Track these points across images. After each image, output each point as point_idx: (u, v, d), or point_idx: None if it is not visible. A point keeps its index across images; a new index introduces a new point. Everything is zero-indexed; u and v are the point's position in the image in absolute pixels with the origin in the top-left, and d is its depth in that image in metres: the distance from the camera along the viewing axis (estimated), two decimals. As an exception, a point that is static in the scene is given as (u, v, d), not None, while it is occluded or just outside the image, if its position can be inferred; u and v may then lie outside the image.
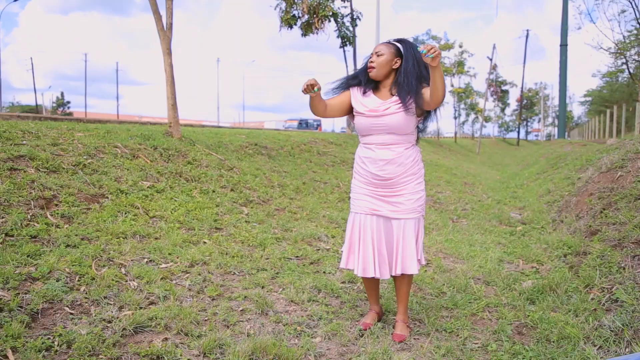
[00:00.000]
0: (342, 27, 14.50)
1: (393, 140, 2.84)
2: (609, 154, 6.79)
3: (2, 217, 3.57)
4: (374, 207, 2.87)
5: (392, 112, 2.80)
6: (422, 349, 2.76)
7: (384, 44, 2.90)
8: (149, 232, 4.11)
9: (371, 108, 2.84)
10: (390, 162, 2.82)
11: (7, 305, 2.61)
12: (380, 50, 2.86)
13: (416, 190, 2.87)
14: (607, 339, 2.63)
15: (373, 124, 2.84)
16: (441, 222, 6.42)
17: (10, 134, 5.09)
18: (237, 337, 2.75)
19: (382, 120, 2.81)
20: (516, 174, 14.22)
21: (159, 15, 7.09)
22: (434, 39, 34.25)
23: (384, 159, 2.83)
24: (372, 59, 2.87)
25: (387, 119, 2.80)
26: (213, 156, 6.84)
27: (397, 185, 2.84)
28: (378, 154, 2.84)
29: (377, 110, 2.83)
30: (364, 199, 2.90)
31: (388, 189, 2.85)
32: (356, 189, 2.97)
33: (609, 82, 37.99)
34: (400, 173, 2.83)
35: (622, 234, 3.90)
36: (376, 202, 2.87)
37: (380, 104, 2.84)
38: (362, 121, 2.88)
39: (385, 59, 2.84)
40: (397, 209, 2.84)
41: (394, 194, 2.85)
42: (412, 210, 2.85)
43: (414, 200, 2.86)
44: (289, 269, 3.92)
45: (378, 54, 2.85)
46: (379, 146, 2.85)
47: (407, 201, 2.84)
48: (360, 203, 2.92)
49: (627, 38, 17.20)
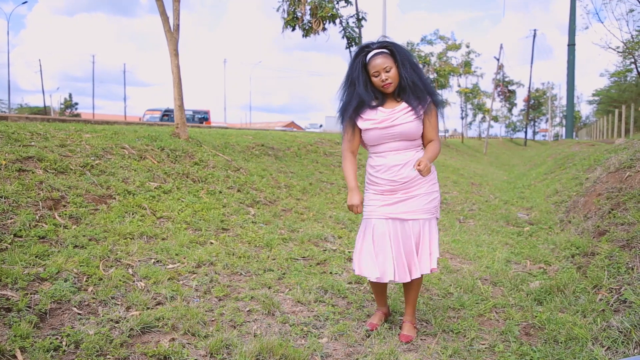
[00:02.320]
0: (348, 27, 14.50)
1: (405, 146, 2.83)
2: (617, 154, 6.75)
3: (10, 218, 3.60)
4: (389, 211, 2.85)
5: (402, 122, 2.79)
6: (429, 350, 2.75)
7: (381, 55, 2.78)
8: (156, 233, 4.12)
9: (381, 119, 2.82)
10: (404, 166, 2.81)
11: (16, 305, 2.63)
12: (386, 64, 2.76)
13: (430, 191, 2.86)
14: (615, 340, 2.61)
15: (384, 134, 2.82)
16: (448, 223, 6.40)
17: (18, 135, 5.13)
18: (244, 338, 2.75)
19: (394, 130, 2.80)
20: (523, 175, 14.15)
21: (166, 17, 7.13)
22: (442, 39, 34.14)
23: (398, 164, 2.82)
24: (382, 77, 2.77)
25: (399, 128, 2.79)
26: (220, 157, 6.85)
27: (412, 186, 2.83)
28: (391, 160, 2.83)
29: (387, 120, 2.80)
30: (379, 206, 2.88)
31: (403, 190, 2.84)
32: (370, 197, 2.94)
33: (617, 81, 37.75)
34: (415, 175, 2.82)
35: (631, 235, 3.87)
36: (390, 207, 2.85)
37: (389, 113, 2.82)
38: (373, 133, 2.84)
39: (394, 71, 2.78)
40: (411, 210, 2.82)
41: (409, 195, 2.83)
42: (426, 210, 2.84)
43: (429, 200, 2.85)
44: (296, 270, 3.93)
45: (387, 69, 2.77)
46: (391, 153, 2.84)
47: (420, 202, 2.83)
48: (374, 209, 2.89)
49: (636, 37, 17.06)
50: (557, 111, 70.26)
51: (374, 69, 2.78)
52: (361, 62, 2.84)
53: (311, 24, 12.53)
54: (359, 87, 2.82)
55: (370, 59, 2.80)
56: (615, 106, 30.55)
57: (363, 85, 2.83)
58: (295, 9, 12.69)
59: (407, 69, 2.79)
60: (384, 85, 2.79)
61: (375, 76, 2.80)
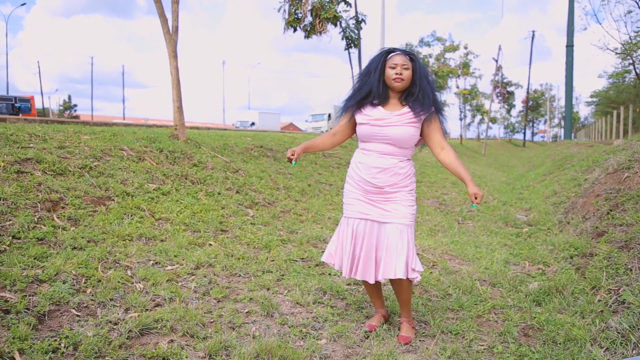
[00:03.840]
0: (347, 29, 14.53)
1: (390, 150, 2.84)
2: (616, 155, 6.76)
3: (9, 220, 3.60)
4: (366, 212, 2.87)
5: (398, 125, 2.80)
6: (428, 351, 2.75)
7: (402, 55, 2.85)
8: (154, 235, 4.12)
9: (376, 117, 2.83)
10: (383, 171, 2.82)
11: (14, 307, 2.62)
12: (405, 63, 2.82)
13: (407, 199, 2.86)
14: (613, 340, 2.62)
15: (375, 132, 2.83)
16: (447, 224, 6.40)
17: (17, 137, 5.13)
18: (243, 339, 2.75)
19: (386, 131, 2.81)
20: (522, 176, 14.16)
21: (165, 19, 7.13)
22: (439, 41, 34.22)
23: (378, 167, 2.82)
24: (397, 70, 2.81)
25: (393, 130, 2.80)
26: (218, 158, 6.85)
27: (387, 194, 2.84)
28: (373, 161, 2.84)
29: (383, 120, 2.82)
30: (356, 204, 2.91)
31: (379, 195, 2.86)
32: (348, 194, 2.97)
33: (616, 83, 37.79)
34: (392, 183, 2.83)
35: (629, 236, 3.88)
36: (367, 207, 2.87)
37: (388, 114, 2.83)
38: (365, 129, 2.87)
39: (409, 74, 2.83)
40: (389, 214, 2.83)
41: (386, 200, 2.85)
42: (403, 215, 2.83)
43: (405, 207, 2.85)
44: (295, 271, 3.93)
45: (405, 67, 2.82)
46: (375, 154, 2.85)
47: (399, 207, 2.83)
48: (352, 207, 2.93)
49: (634, 39, 17.10)
50: (555, 112, 70.38)
51: (393, 62, 2.84)
52: (383, 60, 2.88)
53: (313, 25, 12.55)
54: (373, 76, 2.87)
55: (393, 56, 2.86)
56: (613, 107, 30.59)
57: (377, 77, 2.87)
58: (296, 10, 12.71)
59: (422, 79, 2.85)
60: (395, 78, 2.82)
61: (392, 68, 2.83)
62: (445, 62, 33.79)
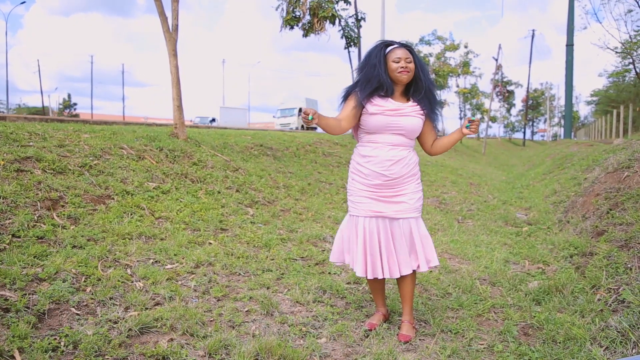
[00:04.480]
0: (347, 27, 14.51)
1: (403, 142, 2.87)
2: (616, 154, 6.76)
3: (9, 218, 3.60)
4: (377, 209, 2.86)
5: (412, 115, 2.84)
6: (428, 350, 2.75)
7: (404, 49, 2.85)
8: (154, 233, 4.12)
9: (390, 108, 2.83)
10: (397, 163, 2.83)
11: (14, 305, 2.62)
12: (409, 56, 2.83)
13: (417, 190, 2.92)
14: (613, 340, 2.62)
15: (390, 122, 2.82)
16: (447, 223, 6.40)
17: (17, 135, 5.13)
18: (243, 338, 2.75)
19: (401, 121, 2.82)
20: (522, 175, 14.17)
21: (165, 17, 7.13)
22: (440, 40, 34.20)
23: (391, 159, 2.83)
24: (402, 64, 2.81)
25: (407, 120, 2.83)
26: (218, 157, 6.85)
27: (399, 185, 2.85)
28: (384, 154, 2.84)
29: (396, 109, 2.82)
30: (366, 202, 2.88)
31: (390, 189, 2.85)
32: (356, 192, 2.92)
33: (616, 82, 37.79)
34: (404, 174, 2.85)
35: (629, 235, 3.88)
36: (379, 204, 2.86)
37: (401, 105, 2.85)
38: (378, 119, 2.81)
39: (413, 66, 2.84)
40: (400, 209, 2.85)
41: (396, 194, 2.85)
42: (415, 209, 2.88)
43: (416, 199, 2.89)
44: (295, 270, 3.93)
45: (408, 60, 2.82)
46: (387, 146, 2.85)
47: (410, 200, 2.86)
48: (361, 206, 2.89)
49: (634, 38, 17.11)
50: (555, 111, 70.36)
51: (396, 56, 2.82)
52: (382, 53, 2.86)
53: (311, 24, 12.54)
54: (379, 69, 2.83)
55: (394, 49, 2.86)
56: (613, 106, 30.60)
57: (384, 70, 2.84)
58: (294, 8, 12.70)
59: (425, 74, 2.89)
60: (401, 71, 2.81)
61: (396, 62, 2.82)
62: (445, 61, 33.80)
